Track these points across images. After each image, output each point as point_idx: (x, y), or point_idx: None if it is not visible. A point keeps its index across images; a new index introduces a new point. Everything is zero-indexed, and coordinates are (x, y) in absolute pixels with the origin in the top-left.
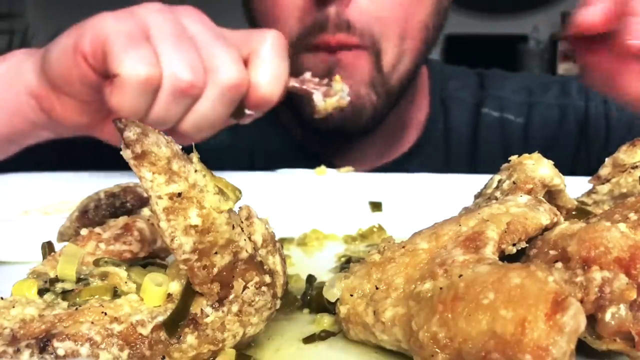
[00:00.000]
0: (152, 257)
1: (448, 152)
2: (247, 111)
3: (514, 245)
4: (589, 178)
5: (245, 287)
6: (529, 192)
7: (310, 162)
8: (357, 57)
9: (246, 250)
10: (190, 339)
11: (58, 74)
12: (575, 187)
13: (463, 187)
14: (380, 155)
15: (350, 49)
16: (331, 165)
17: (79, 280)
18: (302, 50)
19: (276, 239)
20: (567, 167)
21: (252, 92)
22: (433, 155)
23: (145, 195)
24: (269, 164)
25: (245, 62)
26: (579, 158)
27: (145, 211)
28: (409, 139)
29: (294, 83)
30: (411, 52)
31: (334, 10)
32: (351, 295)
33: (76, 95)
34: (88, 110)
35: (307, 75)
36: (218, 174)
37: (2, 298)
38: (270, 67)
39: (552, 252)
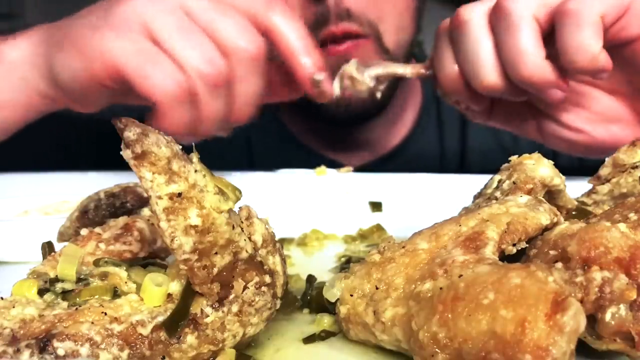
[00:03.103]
0: (152, 257)
1: (442, 135)
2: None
3: (514, 245)
4: (589, 178)
5: (245, 287)
6: (529, 192)
7: (307, 159)
8: (363, 47)
9: (246, 251)
10: (190, 339)
11: (75, 94)
12: (575, 187)
13: (463, 187)
14: (377, 143)
15: (354, 38)
16: (329, 161)
17: (79, 280)
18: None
19: (276, 239)
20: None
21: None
22: (430, 136)
23: (145, 195)
24: (267, 162)
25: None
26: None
27: (145, 211)
28: (406, 123)
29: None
30: (409, 23)
31: (332, 1)
32: (351, 295)
33: (98, 102)
34: (108, 98)
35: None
36: (218, 174)
37: (2, 298)
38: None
39: (552, 252)
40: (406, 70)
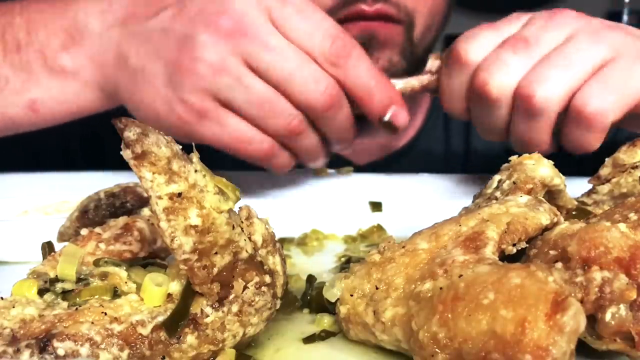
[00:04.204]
0: (152, 257)
1: (448, 136)
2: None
3: (514, 245)
4: (589, 178)
5: (245, 287)
6: (529, 192)
7: None
8: (392, 30)
9: (246, 251)
10: (190, 339)
11: (150, 122)
12: (575, 187)
13: (463, 187)
14: (386, 143)
15: (386, 20)
16: (339, 157)
17: (79, 280)
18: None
19: (276, 239)
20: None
21: None
22: (436, 137)
23: (145, 195)
24: None
25: None
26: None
27: (145, 211)
28: (415, 124)
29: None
30: (435, 26)
31: None
32: (351, 295)
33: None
34: None
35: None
36: (218, 174)
37: (2, 298)
38: None
39: (552, 252)
40: (417, 81)
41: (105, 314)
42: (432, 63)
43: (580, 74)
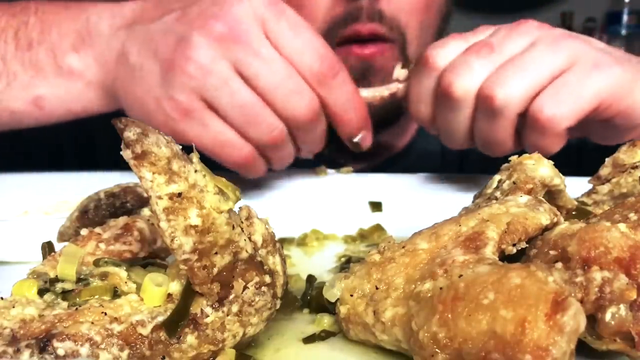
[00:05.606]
0: (152, 257)
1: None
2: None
3: (514, 245)
4: (589, 178)
5: (245, 287)
6: (529, 192)
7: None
8: (388, 53)
9: (246, 251)
10: (190, 339)
11: (140, 119)
12: (575, 187)
13: (463, 187)
14: (383, 150)
15: (380, 40)
16: (331, 161)
17: (79, 280)
18: (331, 44)
19: (276, 239)
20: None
21: None
22: (431, 141)
23: (145, 195)
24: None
25: None
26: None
27: (145, 211)
28: (412, 129)
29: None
30: (430, 40)
31: (367, 1)
32: (351, 295)
33: None
34: None
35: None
36: (218, 174)
37: (2, 298)
38: None
39: (552, 252)
40: (386, 90)
41: (105, 314)
42: (399, 72)
43: (538, 78)
